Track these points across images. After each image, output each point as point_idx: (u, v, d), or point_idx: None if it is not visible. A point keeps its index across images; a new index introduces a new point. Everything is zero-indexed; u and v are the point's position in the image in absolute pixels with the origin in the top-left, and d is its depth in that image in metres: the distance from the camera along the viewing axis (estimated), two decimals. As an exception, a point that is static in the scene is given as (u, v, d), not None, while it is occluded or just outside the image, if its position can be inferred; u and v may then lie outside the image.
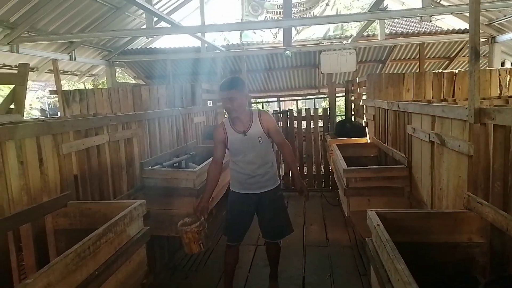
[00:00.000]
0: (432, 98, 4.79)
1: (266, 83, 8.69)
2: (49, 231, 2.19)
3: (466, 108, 1.93)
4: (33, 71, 6.06)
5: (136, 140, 3.31)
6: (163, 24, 5.28)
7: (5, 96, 3.41)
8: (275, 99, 10.93)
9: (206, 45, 6.47)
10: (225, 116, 4.28)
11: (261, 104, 10.10)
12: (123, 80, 10.17)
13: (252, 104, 9.06)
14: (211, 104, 6.22)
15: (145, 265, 2.28)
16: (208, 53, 6.56)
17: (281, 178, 6.68)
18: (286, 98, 10.99)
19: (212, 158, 2.90)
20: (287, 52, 5.91)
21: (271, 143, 2.89)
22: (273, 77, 8.42)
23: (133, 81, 9.02)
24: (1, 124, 2.02)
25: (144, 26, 6.70)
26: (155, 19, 4.60)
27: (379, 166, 3.76)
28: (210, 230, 3.10)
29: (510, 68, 4.98)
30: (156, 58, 7.13)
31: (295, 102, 11.56)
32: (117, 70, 7.77)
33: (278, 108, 9.70)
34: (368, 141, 5.03)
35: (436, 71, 5.04)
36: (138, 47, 7.36)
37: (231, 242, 3.01)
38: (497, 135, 1.73)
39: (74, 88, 9.74)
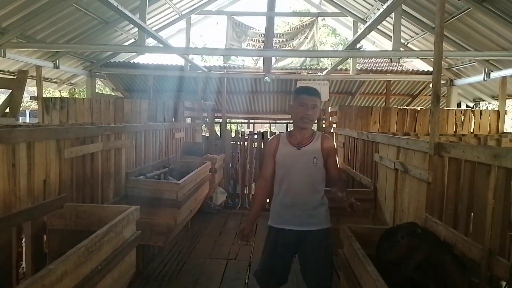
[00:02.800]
0: (396, 131, 5.27)
1: (244, 105, 9.03)
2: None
3: (427, 142, 2.30)
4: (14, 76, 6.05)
5: (125, 151, 3.47)
6: (150, 40, 5.49)
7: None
8: (245, 120, 11.29)
9: (189, 64, 6.73)
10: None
11: (235, 125, 10.38)
12: (99, 91, 10.18)
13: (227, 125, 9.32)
14: (190, 121, 6.44)
15: (134, 267, 2.44)
16: (190, 72, 6.82)
17: (252, 197, 6.90)
18: (259, 121, 11.37)
19: (261, 174, 2.54)
20: (266, 78, 6.28)
21: (324, 178, 2.45)
22: (252, 100, 8.78)
23: (111, 93, 9.07)
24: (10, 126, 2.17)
25: (129, 42, 6.92)
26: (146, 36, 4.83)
27: (348, 189, 4.10)
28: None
29: (464, 110, 5.59)
30: (139, 73, 7.29)
31: (265, 124, 11.95)
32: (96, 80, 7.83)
33: (249, 130, 10.00)
34: (338, 167, 5.41)
35: (401, 107, 5.56)
36: (121, 61, 7.50)
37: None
38: (451, 166, 2.09)
39: (50, 95, 9.61)
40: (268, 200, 2.68)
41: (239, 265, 4.32)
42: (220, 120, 7.11)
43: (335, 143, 2.51)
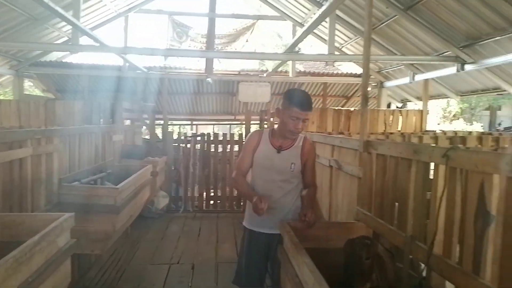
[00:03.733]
0: (332, 130, 5.54)
1: (186, 106, 8.92)
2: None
3: (358, 140, 2.47)
4: None
5: (57, 155, 3.28)
6: (85, 38, 5.23)
7: None
8: (189, 122, 11.17)
9: (127, 64, 6.51)
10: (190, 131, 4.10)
11: (177, 126, 10.21)
12: (28, 92, 9.46)
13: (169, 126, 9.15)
14: (129, 123, 6.24)
15: (69, 277, 2.33)
16: (129, 73, 6.60)
17: (196, 200, 6.84)
18: (202, 122, 11.31)
19: (235, 169, 2.42)
20: (208, 79, 6.27)
21: (301, 181, 2.45)
22: (194, 101, 8.71)
23: (42, 94, 8.47)
24: None
25: (62, 40, 6.54)
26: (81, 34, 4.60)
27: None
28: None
29: (393, 110, 6.03)
30: (73, 73, 6.90)
31: (207, 126, 11.92)
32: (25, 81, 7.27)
33: (192, 132, 9.92)
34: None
35: (336, 108, 5.85)
36: (52, 60, 7.04)
37: None
38: (378, 162, 2.26)
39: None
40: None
41: (182, 269, 4.28)
42: (162, 121, 6.95)
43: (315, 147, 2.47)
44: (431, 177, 1.73)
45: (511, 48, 4.11)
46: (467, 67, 4.77)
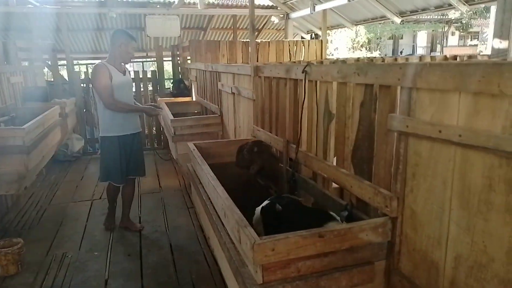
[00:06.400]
0: (242, 62, 5.80)
1: (91, 44, 8.39)
2: None
3: (250, 67, 2.78)
4: None
5: None
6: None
7: None
8: (99, 61, 10.54)
9: (15, -3, 5.88)
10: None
11: (84, 66, 9.62)
12: None
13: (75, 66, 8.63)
14: (27, 64, 5.81)
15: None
16: (18, 8, 5.97)
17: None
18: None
19: (109, 98, 3.13)
20: (111, 13, 5.98)
21: None
22: (99, 38, 8.20)
23: None
24: None
25: None
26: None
27: (199, 116, 4.54)
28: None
29: (296, 40, 6.43)
30: None
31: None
32: None
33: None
34: (193, 99, 5.77)
35: (244, 40, 6.07)
36: None
37: (119, 184, 3.44)
38: (265, 84, 2.62)
39: None
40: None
41: (104, 203, 4.38)
42: (66, 62, 6.56)
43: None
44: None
45: (390, -22, 4.60)
46: (357, -4, 5.23)
